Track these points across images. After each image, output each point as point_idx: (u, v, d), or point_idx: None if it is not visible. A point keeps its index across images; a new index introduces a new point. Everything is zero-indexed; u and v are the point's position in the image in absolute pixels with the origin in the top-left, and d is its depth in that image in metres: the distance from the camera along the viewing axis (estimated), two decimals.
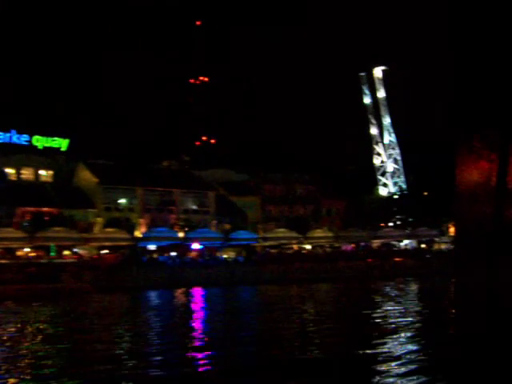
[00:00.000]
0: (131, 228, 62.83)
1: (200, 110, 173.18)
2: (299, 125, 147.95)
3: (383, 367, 17.59)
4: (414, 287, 55.73)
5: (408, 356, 19.62)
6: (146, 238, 61.85)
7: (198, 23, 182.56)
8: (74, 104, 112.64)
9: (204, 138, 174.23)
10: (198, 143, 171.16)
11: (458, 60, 2.58)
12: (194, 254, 65.21)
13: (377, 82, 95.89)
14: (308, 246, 72.35)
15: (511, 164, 2.19)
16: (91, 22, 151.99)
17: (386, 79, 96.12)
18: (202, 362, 19.37)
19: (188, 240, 63.71)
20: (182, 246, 63.79)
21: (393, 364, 17.93)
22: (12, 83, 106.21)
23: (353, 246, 73.66)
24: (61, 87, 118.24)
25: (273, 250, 69.19)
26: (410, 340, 23.36)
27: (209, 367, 18.67)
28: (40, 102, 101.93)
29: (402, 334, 24.75)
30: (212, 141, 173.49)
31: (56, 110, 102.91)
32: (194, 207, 71.30)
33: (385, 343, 21.96)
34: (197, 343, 23.82)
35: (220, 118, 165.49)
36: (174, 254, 62.94)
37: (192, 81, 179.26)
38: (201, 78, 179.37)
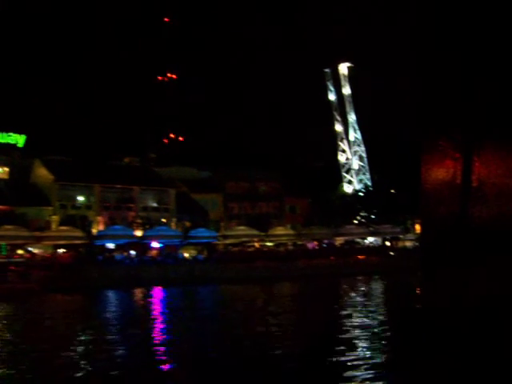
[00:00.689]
0: (87, 226, 61.08)
1: (168, 107, 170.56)
2: (264, 121, 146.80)
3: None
4: (376, 285, 55.10)
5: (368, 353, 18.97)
6: (102, 237, 60.12)
7: (166, 20, 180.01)
8: (33, 99, 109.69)
9: (172, 136, 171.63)
10: (165, 140, 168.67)
11: (424, 62, 2.52)
12: (154, 252, 63.78)
13: (342, 78, 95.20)
14: (270, 244, 71.28)
15: (476, 163, 2.13)
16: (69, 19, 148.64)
17: (352, 76, 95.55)
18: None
19: (146, 238, 62.16)
20: (142, 245, 62.27)
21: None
22: None
23: (315, 243, 72.77)
24: (18, 80, 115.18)
25: (235, 248, 68.00)
26: (368, 340, 22.54)
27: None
28: None
29: (360, 335, 23.88)
30: (180, 138, 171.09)
31: (13, 104, 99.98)
32: (154, 205, 69.71)
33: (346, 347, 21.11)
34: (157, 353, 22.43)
35: (188, 116, 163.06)
36: (133, 252, 61.42)
37: (160, 78, 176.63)
38: (169, 75, 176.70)
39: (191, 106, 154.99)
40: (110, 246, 62.11)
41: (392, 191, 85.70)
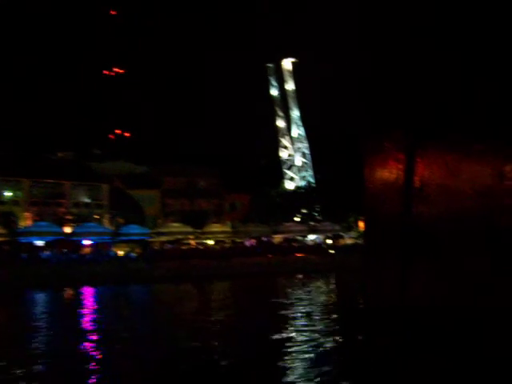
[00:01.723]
0: (12, 222, 58.11)
1: (114, 102, 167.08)
2: (205, 116, 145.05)
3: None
4: (314, 283, 53.84)
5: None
6: (26, 233, 57.18)
7: (112, 13, 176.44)
8: None
9: (118, 131, 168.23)
10: (111, 136, 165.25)
11: (369, 65, 2.68)
12: (87, 250, 61.33)
13: (286, 73, 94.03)
14: (210, 242, 69.63)
15: (418, 164, 2.21)
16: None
17: (296, 71, 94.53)
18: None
19: (75, 235, 59.53)
20: (72, 242, 59.64)
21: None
22: None
23: (253, 241, 71.33)
24: None
25: (169, 246, 66.00)
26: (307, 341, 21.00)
27: None
28: None
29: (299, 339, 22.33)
30: (126, 134, 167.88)
31: None
32: (87, 200, 67.06)
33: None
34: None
35: (134, 111, 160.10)
36: (64, 250, 58.77)
37: (106, 72, 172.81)
38: (115, 69, 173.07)
39: (135, 101, 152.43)
40: (39, 243, 59.34)
41: (335, 188, 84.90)
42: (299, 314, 29.59)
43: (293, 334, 22.81)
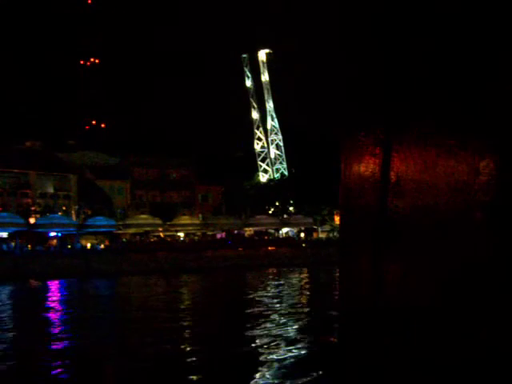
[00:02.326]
0: None
1: (90, 93, 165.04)
2: (182, 108, 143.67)
3: None
4: (285, 278, 52.91)
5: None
6: None
7: (89, 1, 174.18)
8: None
9: (93, 122, 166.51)
10: (87, 127, 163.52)
11: (346, 58, 2.59)
12: (53, 242, 59.86)
13: (260, 65, 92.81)
14: (180, 234, 68.34)
15: (394, 158, 2.23)
16: None
17: (271, 63, 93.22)
18: None
19: (38, 226, 57.88)
20: (37, 234, 58.06)
21: None
22: None
23: (224, 234, 70.10)
24: None
25: (136, 238, 64.67)
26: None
27: None
28: None
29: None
30: (102, 125, 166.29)
31: None
32: (53, 191, 65.36)
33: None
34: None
35: (110, 102, 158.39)
36: (28, 242, 57.24)
37: (82, 62, 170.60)
38: (92, 59, 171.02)
39: (111, 92, 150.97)
40: (2, 234, 57.81)
41: (309, 181, 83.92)
42: (268, 312, 28.40)
43: (262, 338, 21.67)
